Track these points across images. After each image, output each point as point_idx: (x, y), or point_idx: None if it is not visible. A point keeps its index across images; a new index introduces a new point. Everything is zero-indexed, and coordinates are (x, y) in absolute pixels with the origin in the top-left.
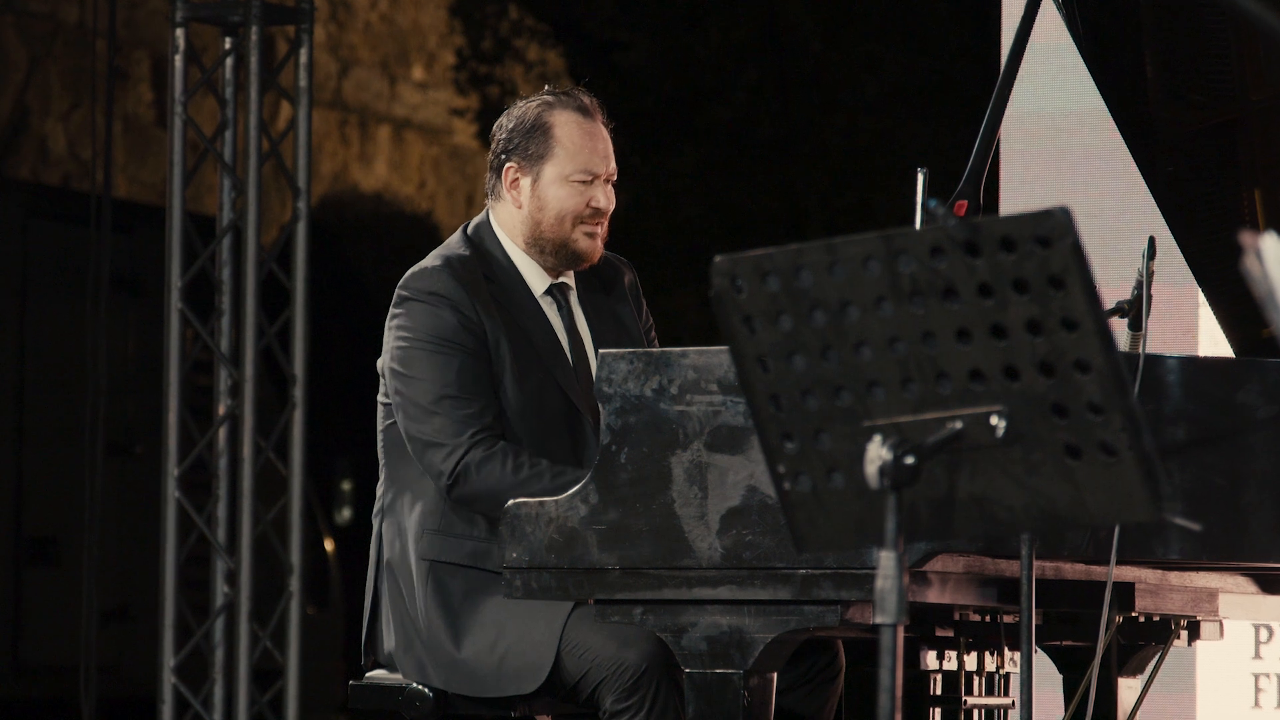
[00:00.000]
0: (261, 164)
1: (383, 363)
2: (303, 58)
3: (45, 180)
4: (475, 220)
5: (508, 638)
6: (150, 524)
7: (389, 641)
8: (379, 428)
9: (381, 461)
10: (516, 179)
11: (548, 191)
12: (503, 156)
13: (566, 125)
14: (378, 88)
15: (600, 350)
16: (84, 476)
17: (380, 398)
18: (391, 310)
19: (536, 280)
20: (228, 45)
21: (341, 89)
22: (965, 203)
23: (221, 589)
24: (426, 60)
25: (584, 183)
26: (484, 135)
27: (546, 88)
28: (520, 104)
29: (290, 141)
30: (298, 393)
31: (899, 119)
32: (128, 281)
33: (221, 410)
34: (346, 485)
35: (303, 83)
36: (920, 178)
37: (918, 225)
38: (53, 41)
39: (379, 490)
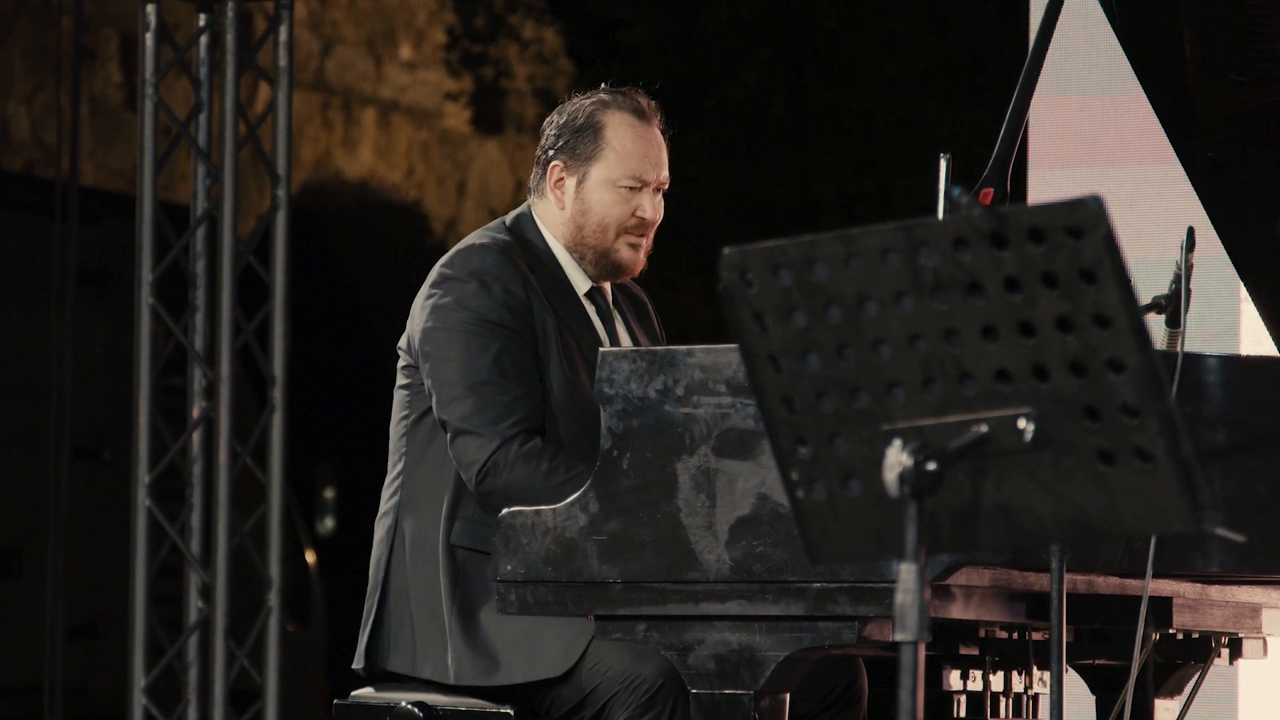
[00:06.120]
0: (238, 149)
1: (410, 344)
2: (282, 36)
3: (7, 167)
4: (514, 212)
5: (539, 622)
6: (119, 534)
7: (407, 639)
8: (396, 418)
9: (400, 452)
10: (561, 178)
11: (592, 195)
12: (550, 152)
13: (619, 127)
14: (363, 68)
15: (600, 349)
16: (48, 483)
17: (404, 384)
18: (428, 289)
19: (579, 280)
20: (202, 22)
21: (324, 69)
22: (991, 191)
23: (195, 604)
24: (415, 39)
25: (631, 189)
26: (476, 119)
27: (603, 85)
28: (575, 100)
29: (269, 125)
30: (277, 394)
31: (920, 101)
32: (95, 275)
33: (196, 413)
34: (329, 493)
35: (282, 62)
36: (943, 164)
37: (940, 215)
38: (15, 18)
39: (394, 485)
